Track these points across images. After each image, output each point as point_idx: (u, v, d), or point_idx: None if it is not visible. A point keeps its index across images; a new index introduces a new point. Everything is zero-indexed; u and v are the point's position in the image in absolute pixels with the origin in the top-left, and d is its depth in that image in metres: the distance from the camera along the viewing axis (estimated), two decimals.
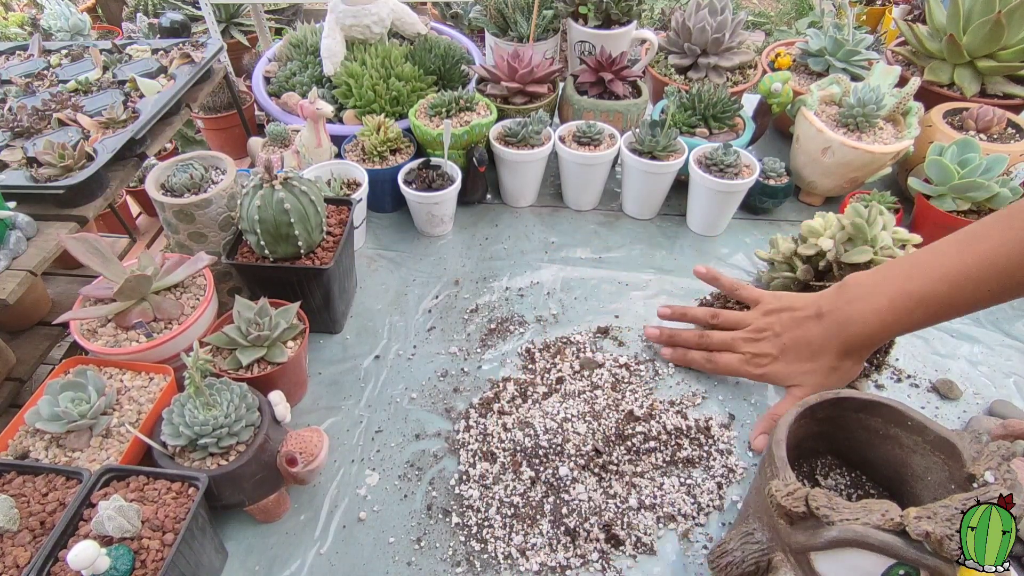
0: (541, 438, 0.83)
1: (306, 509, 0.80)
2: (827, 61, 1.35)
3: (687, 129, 1.23)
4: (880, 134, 1.15)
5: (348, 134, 1.24)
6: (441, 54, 1.36)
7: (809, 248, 0.93)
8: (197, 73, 1.26)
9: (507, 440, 0.84)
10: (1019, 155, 1.10)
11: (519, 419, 0.86)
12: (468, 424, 0.87)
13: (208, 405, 0.71)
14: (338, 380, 0.95)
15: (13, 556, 0.61)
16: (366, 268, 1.14)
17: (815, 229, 0.94)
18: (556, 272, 1.13)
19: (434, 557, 0.74)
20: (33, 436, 0.74)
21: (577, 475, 0.80)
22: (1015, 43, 1.19)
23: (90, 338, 0.83)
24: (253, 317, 0.83)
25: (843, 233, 0.90)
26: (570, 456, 0.81)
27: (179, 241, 0.97)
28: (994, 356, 0.97)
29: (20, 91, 1.21)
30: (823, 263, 0.92)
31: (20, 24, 1.69)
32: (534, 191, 1.28)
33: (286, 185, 0.88)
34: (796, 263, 0.95)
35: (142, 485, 0.67)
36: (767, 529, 0.62)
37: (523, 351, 0.98)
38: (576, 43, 1.46)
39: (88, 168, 0.99)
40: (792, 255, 0.96)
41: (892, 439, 0.69)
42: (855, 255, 0.88)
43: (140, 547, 0.61)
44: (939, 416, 0.89)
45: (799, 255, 0.95)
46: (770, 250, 1.02)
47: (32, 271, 0.90)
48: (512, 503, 0.78)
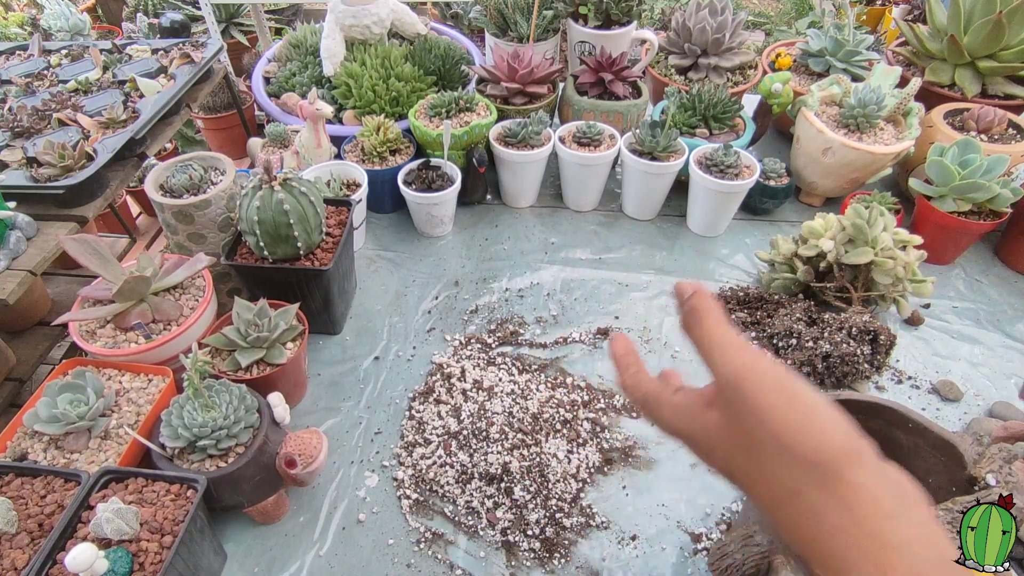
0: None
1: (305, 511, 0.80)
2: (827, 61, 1.35)
3: (687, 130, 1.22)
4: (881, 135, 1.14)
5: (348, 135, 1.24)
6: (441, 54, 1.36)
7: (810, 249, 0.93)
8: (197, 73, 1.26)
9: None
10: (1020, 156, 1.10)
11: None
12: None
13: (207, 407, 0.70)
14: (338, 381, 0.95)
15: (11, 558, 0.61)
16: (366, 269, 1.14)
17: (815, 230, 0.94)
18: (556, 273, 1.12)
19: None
20: (32, 438, 0.74)
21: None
22: (1016, 43, 1.19)
23: (89, 339, 0.83)
24: (252, 318, 0.83)
25: (843, 234, 0.90)
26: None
27: (178, 242, 0.97)
28: (995, 357, 0.97)
29: (20, 91, 1.21)
30: (823, 264, 0.92)
31: (20, 24, 1.69)
32: (534, 192, 1.27)
33: (285, 186, 0.87)
34: (796, 264, 0.96)
35: (141, 487, 0.67)
36: (767, 532, 0.62)
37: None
38: (576, 43, 1.45)
39: (88, 168, 0.99)
40: (792, 256, 0.97)
41: (893, 441, 0.69)
42: (856, 256, 0.89)
43: (138, 549, 0.61)
44: (940, 418, 0.89)
45: (799, 256, 0.95)
46: (770, 251, 1.02)
47: (32, 271, 0.90)
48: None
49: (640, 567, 0.74)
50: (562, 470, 0.82)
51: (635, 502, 0.80)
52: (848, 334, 0.88)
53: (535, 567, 0.74)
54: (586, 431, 0.87)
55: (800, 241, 0.97)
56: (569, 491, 0.80)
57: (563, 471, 0.82)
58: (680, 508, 0.80)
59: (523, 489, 0.80)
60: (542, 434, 0.86)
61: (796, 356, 0.90)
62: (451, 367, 0.94)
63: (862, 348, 0.88)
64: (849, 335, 0.88)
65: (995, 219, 1.07)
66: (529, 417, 0.87)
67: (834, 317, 0.91)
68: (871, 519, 0.28)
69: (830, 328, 0.90)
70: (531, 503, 0.79)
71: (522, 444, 0.84)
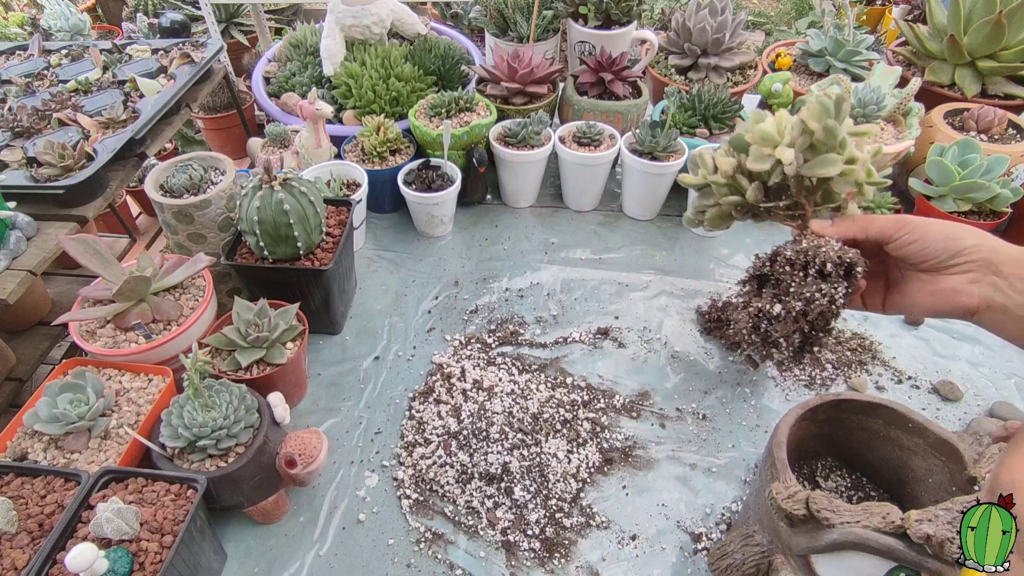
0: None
1: (305, 511, 0.80)
2: (828, 61, 1.35)
3: (687, 130, 1.22)
4: (881, 135, 1.14)
5: (348, 135, 1.24)
6: (441, 54, 1.36)
7: (762, 161, 0.67)
8: (197, 73, 1.26)
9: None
10: (1020, 156, 1.10)
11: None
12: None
13: (207, 407, 0.70)
14: (338, 381, 0.95)
15: (11, 558, 0.61)
16: (366, 269, 1.14)
17: (769, 135, 0.67)
18: (556, 273, 1.12)
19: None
20: (32, 437, 0.74)
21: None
22: (1016, 43, 1.19)
23: (89, 339, 0.83)
24: (252, 318, 0.83)
25: (804, 138, 0.66)
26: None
27: (178, 242, 0.97)
28: (995, 357, 0.97)
29: (20, 91, 1.21)
30: (775, 179, 0.68)
31: (20, 24, 1.69)
32: (534, 192, 1.27)
33: (285, 186, 0.87)
34: (741, 182, 0.71)
35: (141, 487, 0.67)
36: (768, 531, 0.62)
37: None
38: (576, 43, 1.45)
39: (88, 168, 0.99)
40: (735, 172, 0.71)
41: (893, 441, 0.69)
42: (821, 167, 0.65)
43: (139, 549, 0.61)
44: (940, 418, 0.89)
45: (746, 171, 0.70)
46: (698, 170, 0.76)
47: (32, 271, 0.90)
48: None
49: (640, 567, 0.74)
50: (562, 470, 0.82)
51: (635, 502, 0.80)
52: (820, 274, 0.67)
53: (535, 567, 0.74)
54: (586, 431, 0.87)
55: (739, 152, 0.72)
56: (569, 491, 0.80)
57: (563, 471, 0.82)
58: (680, 508, 0.80)
59: (523, 489, 0.80)
60: (542, 434, 0.86)
61: (781, 328, 0.71)
62: (451, 367, 0.94)
63: (837, 287, 0.66)
64: (821, 275, 0.67)
65: (995, 219, 1.07)
66: (529, 417, 0.87)
67: (798, 251, 0.69)
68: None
69: (793, 270, 0.69)
70: (531, 503, 0.79)
71: (522, 444, 0.84)
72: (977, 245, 0.56)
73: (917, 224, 0.60)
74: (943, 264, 0.58)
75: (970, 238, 0.57)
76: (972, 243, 0.57)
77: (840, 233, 0.67)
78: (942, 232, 0.58)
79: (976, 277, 0.56)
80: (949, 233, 0.58)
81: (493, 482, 0.81)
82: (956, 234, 0.58)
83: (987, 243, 0.57)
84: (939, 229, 0.59)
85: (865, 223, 0.66)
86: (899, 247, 0.61)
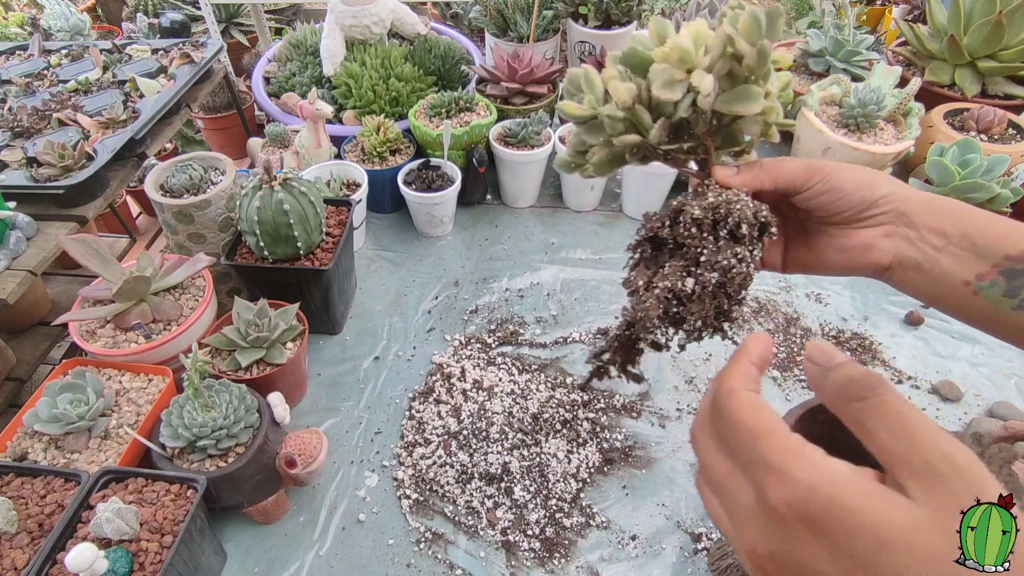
0: None
1: (305, 511, 0.80)
2: (827, 61, 1.35)
3: None
4: (881, 135, 1.14)
5: (348, 135, 1.24)
6: (441, 54, 1.36)
7: (672, 89, 0.47)
8: (197, 73, 1.26)
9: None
10: (1020, 156, 1.10)
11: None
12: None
13: (207, 407, 0.70)
14: (338, 381, 0.95)
15: (11, 558, 0.61)
16: (366, 269, 1.14)
17: (687, 54, 0.46)
18: (556, 273, 1.12)
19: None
20: (32, 437, 0.74)
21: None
22: (1016, 43, 1.19)
23: (89, 339, 0.83)
24: (252, 318, 0.83)
25: (725, 63, 0.47)
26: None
27: (178, 242, 0.97)
28: (995, 357, 0.97)
29: (20, 91, 1.21)
30: (680, 114, 0.49)
31: (20, 24, 1.69)
32: (534, 192, 1.27)
33: (285, 186, 0.87)
34: (643, 117, 0.50)
35: (141, 487, 0.67)
36: None
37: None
38: (576, 43, 1.45)
39: (88, 168, 0.99)
40: (635, 102, 0.50)
41: None
42: (739, 102, 0.48)
43: (138, 549, 0.61)
44: (940, 418, 0.89)
45: (651, 101, 0.50)
46: (585, 97, 0.51)
47: (32, 271, 0.90)
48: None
49: (640, 567, 0.74)
50: (562, 470, 0.82)
51: (635, 502, 0.80)
52: (731, 235, 0.51)
53: (535, 567, 0.74)
54: (586, 431, 0.87)
55: (640, 76, 0.49)
56: (569, 491, 0.80)
57: (563, 471, 0.82)
58: (680, 508, 0.80)
59: (523, 489, 0.80)
60: (542, 434, 0.86)
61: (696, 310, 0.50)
62: (451, 367, 0.94)
63: (753, 251, 0.51)
64: (733, 237, 0.51)
65: None
66: (529, 417, 0.87)
67: (705, 208, 0.50)
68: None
69: (701, 232, 0.51)
70: (531, 503, 0.79)
71: (522, 444, 0.84)
72: (892, 193, 0.48)
73: (829, 171, 0.51)
74: (855, 216, 0.50)
75: (884, 186, 0.49)
76: (886, 191, 0.48)
77: (747, 183, 0.53)
78: (856, 181, 0.50)
79: (890, 230, 0.48)
80: (864, 182, 0.49)
81: (493, 482, 0.81)
82: (871, 182, 0.49)
83: (901, 192, 0.49)
84: (854, 177, 0.50)
85: (775, 171, 0.53)
86: (808, 198, 0.52)
